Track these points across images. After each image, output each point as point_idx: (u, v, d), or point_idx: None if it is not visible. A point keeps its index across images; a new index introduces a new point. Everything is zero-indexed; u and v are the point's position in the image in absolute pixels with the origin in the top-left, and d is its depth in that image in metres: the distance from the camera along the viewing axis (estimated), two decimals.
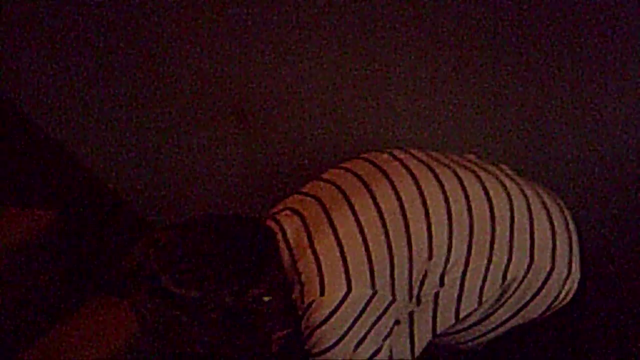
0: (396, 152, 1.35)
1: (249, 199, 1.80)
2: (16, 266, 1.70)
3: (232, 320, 1.17)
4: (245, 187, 1.81)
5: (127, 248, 1.88)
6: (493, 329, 1.32)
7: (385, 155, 1.34)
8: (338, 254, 1.18)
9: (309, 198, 1.29)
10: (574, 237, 1.32)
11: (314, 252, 1.19)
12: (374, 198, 1.24)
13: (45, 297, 1.79)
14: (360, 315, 1.17)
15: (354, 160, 1.36)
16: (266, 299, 1.18)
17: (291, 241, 1.23)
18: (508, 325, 1.31)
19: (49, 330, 1.76)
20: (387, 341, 1.22)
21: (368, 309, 1.18)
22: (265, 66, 1.66)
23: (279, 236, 1.24)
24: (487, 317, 1.30)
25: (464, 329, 1.32)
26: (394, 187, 1.25)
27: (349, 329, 1.17)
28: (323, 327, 1.16)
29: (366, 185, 1.26)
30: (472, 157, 1.41)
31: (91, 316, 1.82)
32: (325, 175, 1.35)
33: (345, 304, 1.16)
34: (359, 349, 1.18)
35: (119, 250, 1.88)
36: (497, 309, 1.29)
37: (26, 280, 1.72)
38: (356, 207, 1.23)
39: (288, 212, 1.29)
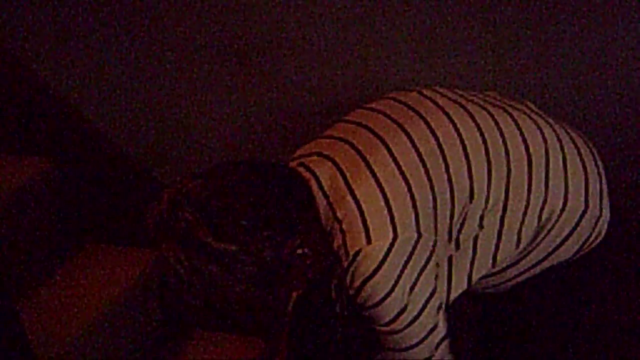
0: (424, 91, 1.28)
1: (254, 145, 1.72)
2: (11, 214, 1.63)
3: (268, 274, 1.09)
4: (250, 137, 1.72)
5: (125, 197, 1.81)
6: (524, 271, 1.29)
7: (414, 94, 1.27)
8: (381, 199, 1.11)
9: (337, 141, 1.21)
10: (604, 178, 1.30)
11: (355, 199, 1.12)
12: (411, 139, 1.17)
13: (41, 245, 1.73)
14: (409, 259, 1.12)
15: (380, 101, 1.28)
16: (304, 250, 1.10)
17: (327, 188, 1.15)
18: (539, 267, 1.29)
19: (46, 279, 1.69)
20: (438, 280, 1.18)
21: (416, 252, 1.12)
22: (267, 7, 1.58)
23: (313, 183, 1.15)
24: (521, 259, 1.27)
25: (496, 273, 1.29)
26: (429, 127, 1.19)
27: (401, 273, 1.11)
28: (375, 277, 1.10)
29: (400, 126, 1.19)
30: (495, 94, 1.35)
31: (88, 265, 1.76)
32: (351, 117, 1.26)
33: (394, 249, 1.10)
34: (414, 292, 1.13)
35: (116, 199, 1.82)
36: (531, 251, 1.26)
37: (21, 228, 1.66)
38: (393, 149, 1.16)
39: (316, 157, 1.20)
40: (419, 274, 1.14)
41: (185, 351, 1.85)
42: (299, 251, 1.11)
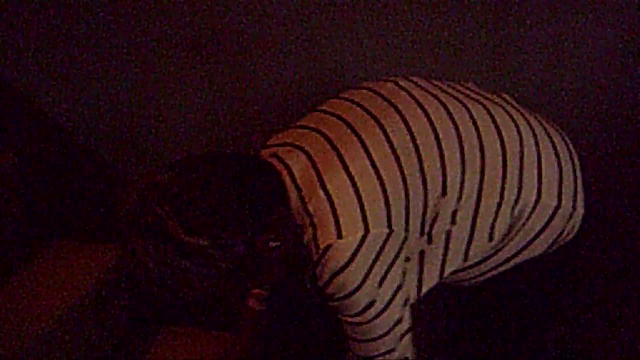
0: (400, 81, 1.26)
1: (220, 141, 1.69)
2: None
3: (239, 268, 1.06)
4: (215, 129, 1.69)
5: (91, 193, 1.77)
6: (496, 267, 1.28)
7: (390, 85, 1.24)
8: (352, 193, 1.10)
9: (311, 132, 1.19)
10: (579, 172, 1.29)
11: (326, 192, 1.10)
12: (384, 131, 1.15)
13: (5, 242, 1.68)
14: (379, 254, 1.11)
15: (355, 91, 1.25)
16: (274, 244, 1.08)
17: (299, 180, 1.13)
18: (512, 262, 1.28)
19: (10, 276, 1.65)
20: (405, 277, 1.18)
21: (386, 247, 1.11)
22: None
23: (285, 175, 1.13)
24: (491, 256, 1.26)
25: (467, 268, 1.28)
26: (404, 120, 1.17)
27: (370, 269, 1.10)
28: (344, 272, 1.09)
29: (374, 117, 1.17)
30: (471, 84, 1.33)
31: (54, 261, 1.72)
32: (325, 107, 1.24)
33: (365, 245, 1.09)
34: (383, 286, 1.13)
35: (82, 195, 1.78)
36: (504, 246, 1.25)
37: None
38: (366, 141, 1.14)
39: (289, 147, 1.18)
40: (388, 269, 1.13)
41: (153, 347, 1.82)
42: (272, 244, 1.08)
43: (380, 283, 1.12)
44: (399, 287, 1.15)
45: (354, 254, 1.08)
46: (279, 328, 1.66)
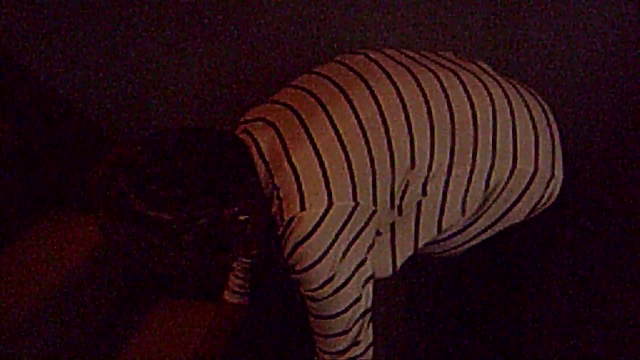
0: (371, 53, 1.26)
1: (213, 108, 1.69)
2: None
3: (206, 242, 1.09)
4: (208, 97, 1.69)
5: (84, 161, 1.80)
6: (474, 237, 1.29)
7: (360, 57, 1.25)
8: (317, 166, 1.11)
9: (281, 107, 1.20)
10: (557, 138, 1.28)
11: (292, 165, 1.12)
12: (351, 104, 1.16)
13: (1, 212, 1.70)
14: (343, 228, 1.11)
15: (326, 65, 1.26)
16: (242, 218, 1.10)
17: (266, 154, 1.15)
18: (489, 232, 1.28)
19: (6, 245, 1.68)
20: (371, 252, 1.18)
21: (351, 220, 1.12)
22: None
23: (253, 149, 1.15)
24: (470, 225, 1.26)
25: (445, 239, 1.28)
26: (372, 93, 1.17)
27: (333, 242, 1.11)
28: (306, 243, 1.10)
29: (342, 91, 1.18)
30: (449, 54, 1.33)
31: (49, 231, 1.74)
32: (296, 82, 1.25)
33: (328, 217, 1.10)
34: (344, 261, 1.13)
35: (76, 164, 1.82)
36: (480, 216, 1.25)
37: None
38: (333, 116, 1.15)
39: (260, 122, 1.20)
40: (351, 243, 1.13)
41: (148, 317, 1.85)
42: (241, 218, 1.11)
43: (343, 256, 1.13)
44: (361, 263, 1.16)
45: (317, 225, 1.09)
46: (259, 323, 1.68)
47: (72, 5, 1.65)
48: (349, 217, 1.12)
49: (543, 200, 1.26)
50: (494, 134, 1.20)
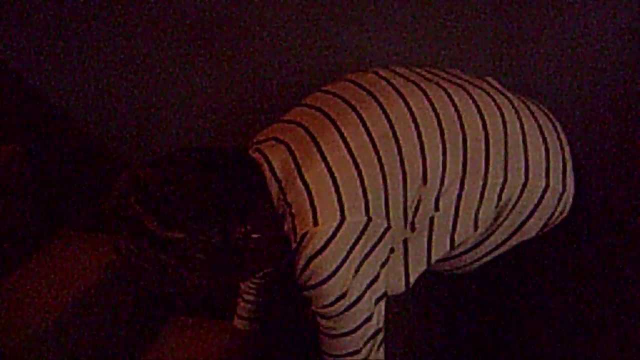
0: (381, 71, 1.27)
1: (222, 129, 1.71)
2: None
3: (219, 260, 1.09)
4: (218, 117, 1.71)
5: (93, 182, 1.82)
6: (487, 254, 1.28)
7: (370, 75, 1.26)
8: (330, 182, 1.11)
9: (293, 125, 1.21)
10: (567, 152, 1.28)
11: (304, 182, 1.12)
12: (363, 122, 1.16)
13: (13, 233, 1.71)
14: (356, 243, 1.11)
15: (336, 83, 1.27)
16: (255, 236, 1.11)
17: (278, 172, 1.15)
18: (502, 248, 1.28)
19: (18, 266, 1.68)
20: (384, 269, 1.18)
21: (364, 236, 1.12)
22: None
23: (265, 168, 1.16)
24: (482, 241, 1.26)
25: (458, 255, 1.28)
26: (383, 109, 1.18)
27: (346, 257, 1.11)
28: (319, 257, 1.10)
29: (353, 109, 1.19)
30: (457, 71, 1.34)
31: (61, 251, 1.74)
32: (308, 101, 1.26)
33: (340, 232, 1.10)
34: (356, 277, 1.13)
35: (85, 184, 1.83)
36: (492, 232, 1.25)
37: None
38: (345, 132, 1.16)
39: (272, 141, 1.20)
40: (364, 259, 1.13)
41: (160, 336, 1.85)
42: (254, 236, 1.11)
43: (355, 272, 1.12)
44: (374, 281, 1.15)
45: (329, 240, 1.09)
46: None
47: (82, 27, 1.67)
48: (362, 232, 1.12)
49: (556, 215, 1.26)
50: (506, 149, 1.21)
